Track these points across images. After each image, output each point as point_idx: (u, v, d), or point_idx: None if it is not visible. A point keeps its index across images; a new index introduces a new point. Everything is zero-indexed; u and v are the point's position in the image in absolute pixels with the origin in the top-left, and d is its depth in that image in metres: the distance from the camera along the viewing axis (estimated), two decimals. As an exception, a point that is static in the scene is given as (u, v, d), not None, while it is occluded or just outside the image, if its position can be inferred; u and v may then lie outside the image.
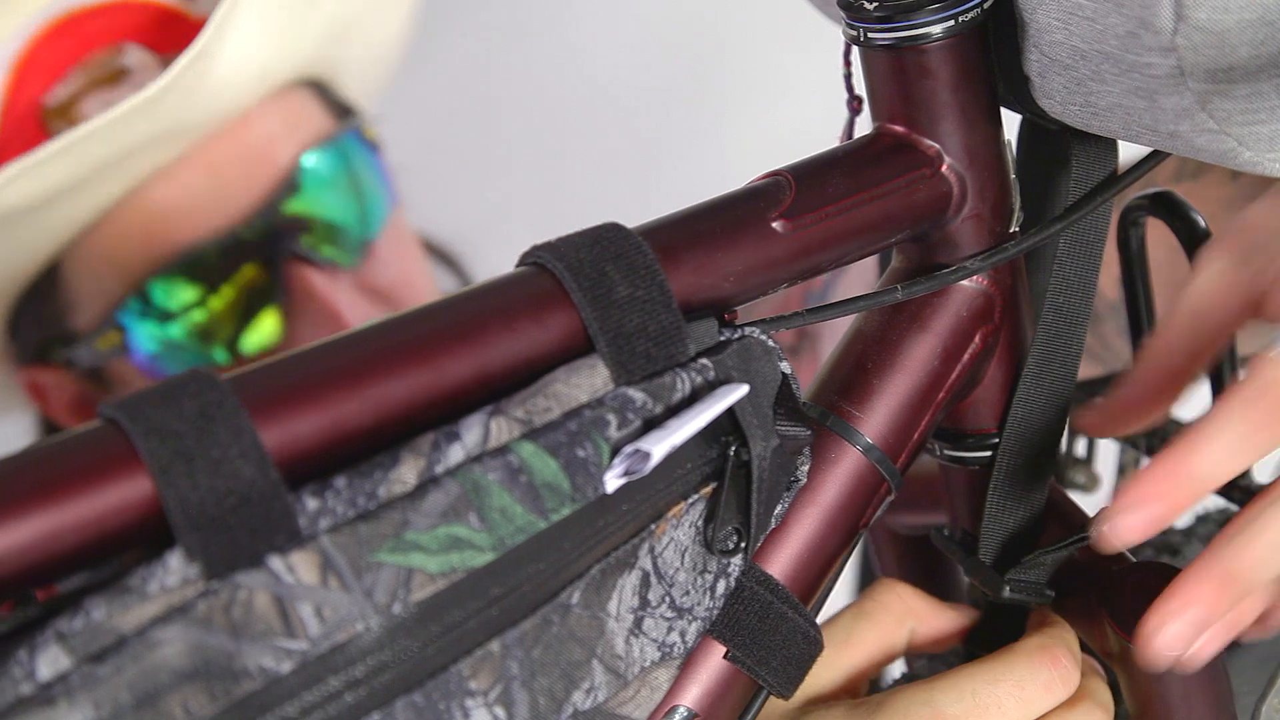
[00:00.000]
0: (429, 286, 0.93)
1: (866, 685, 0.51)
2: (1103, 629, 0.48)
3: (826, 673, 0.49)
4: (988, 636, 0.53)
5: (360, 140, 0.91)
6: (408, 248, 0.93)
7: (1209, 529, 0.62)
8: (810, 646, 0.46)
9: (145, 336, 0.85)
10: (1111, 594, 0.48)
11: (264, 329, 0.85)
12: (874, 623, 0.50)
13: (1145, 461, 0.69)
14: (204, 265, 0.83)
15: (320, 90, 0.91)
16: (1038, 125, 0.50)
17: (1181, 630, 0.43)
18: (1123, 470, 0.69)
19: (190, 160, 0.83)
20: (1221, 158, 0.42)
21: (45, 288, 0.87)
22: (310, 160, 0.86)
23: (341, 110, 0.92)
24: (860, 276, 0.87)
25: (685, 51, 1.39)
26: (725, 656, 0.44)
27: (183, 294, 0.83)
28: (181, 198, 0.83)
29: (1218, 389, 0.54)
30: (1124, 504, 0.43)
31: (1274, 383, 0.43)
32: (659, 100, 1.37)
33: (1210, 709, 0.49)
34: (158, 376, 0.86)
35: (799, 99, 1.07)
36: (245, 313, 0.84)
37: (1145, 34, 0.40)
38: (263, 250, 0.84)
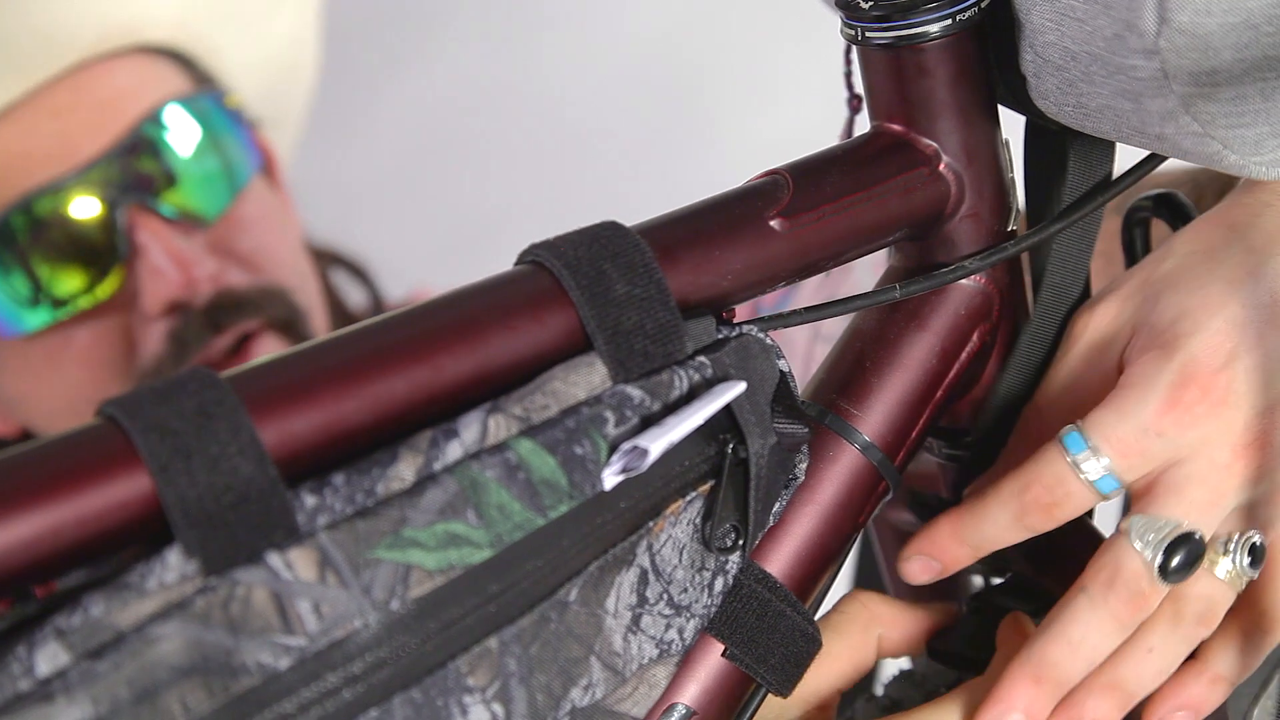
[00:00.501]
0: (296, 264, 0.93)
1: (838, 699, 0.51)
2: None
3: (797, 690, 0.48)
4: (961, 634, 0.53)
5: (220, 105, 0.91)
6: (274, 219, 0.92)
7: None
8: (809, 644, 0.46)
9: None
10: None
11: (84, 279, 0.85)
12: (841, 635, 0.50)
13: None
14: (44, 215, 0.83)
15: (183, 62, 0.91)
16: (1040, 126, 0.51)
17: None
18: None
19: (34, 104, 0.83)
20: (1207, 160, 0.43)
21: None
22: (163, 116, 0.86)
23: (204, 80, 0.92)
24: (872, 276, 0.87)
25: (683, 52, 1.39)
26: (724, 654, 0.44)
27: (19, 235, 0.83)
28: (28, 140, 0.83)
29: None
30: (908, 552, 0.50)
31: (1040, 470, 0.48)
32: (658, 101, 1.38)
33: None
34: (4, 330, 0.85)
35: (796, 99, 1.07)
36: (95, 269, 0.84)
37: (1130, 36, 0.40)
38: (108, 195, 0.84)
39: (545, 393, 0.39)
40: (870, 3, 0.46)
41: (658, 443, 0.39)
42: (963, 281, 0.49)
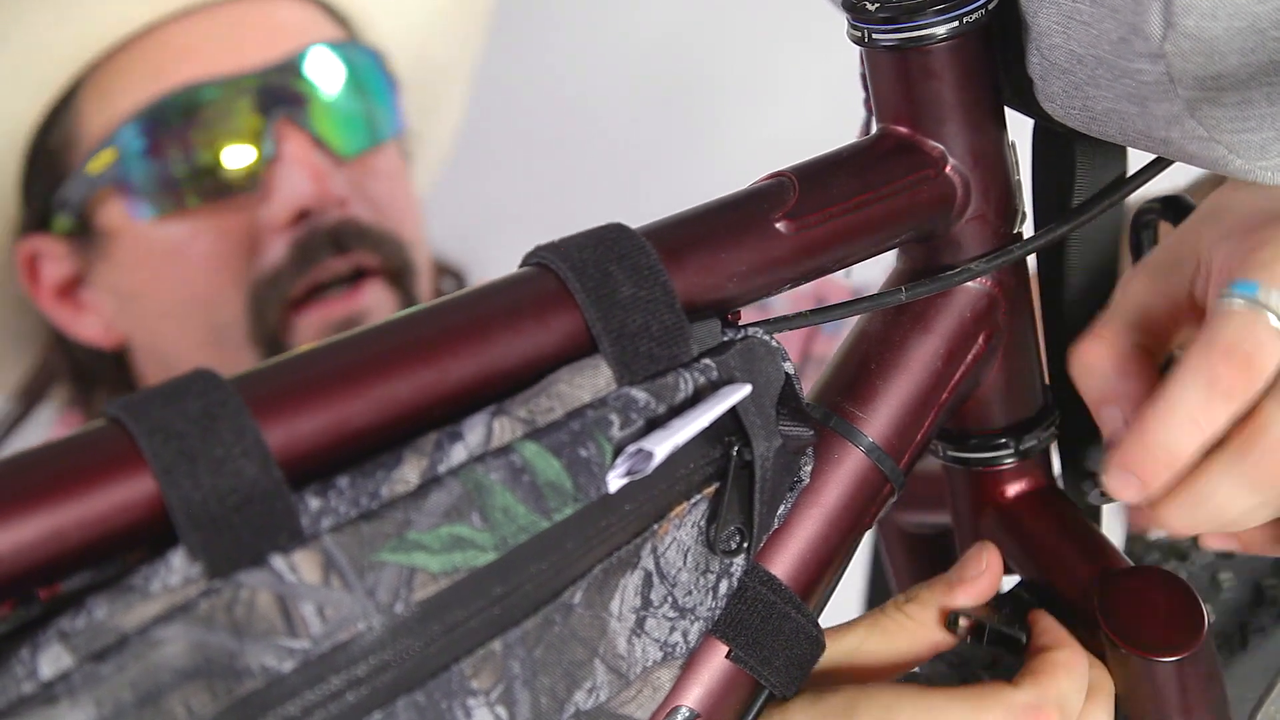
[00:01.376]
0: (416, 226, 0.97)
1: None
2: (1098, 633, 0.48)
3: (830, 682, 0.48)
4: (999, 613, 0.51)
5: (374, 60, 0.95)
6: (402, 183, 0.96)
7: None
8: (813, 647, 0.46)
9: (137, 161, 0.88)
10: (1108, 599, 0.48)
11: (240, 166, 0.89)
12: (888, 639, 0.49)
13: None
14: (204, 102, 0.88)
15: (339, 19, 0.96)
16: (1047, 129, 0.50)
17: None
18: None
19: (212, 13, 0.89)
20: (1213, 165, 0.42)
21: (55, 123, 0.90)
22: (318, 52, 0.91)
23: (350, 32, 0.97)
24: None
25: (686, 53, 1.39)
26: (728, 656, 0.44)
27: (176, 132, 0.88)
28: (198, 41, 0.89)
29: None
30: (1112, 468, 0.45)
31: (1224, 334, 0.43)
32: (663, 102, 1.37)
33: (1206, 714, 0.49)
34: (136, 211, 0.89)
35: (801, 100, 1.07)
36: (230, 160, 0.89)
37: (1136, 40, 0.40)
38: (263, 103, 0.88)
39: (550, 395, 0.39)
40: (876, 5, 0.46)
41: (662, 446, 0.39)
42: (968, 284, 0.49)
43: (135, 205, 0.89)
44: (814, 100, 1.08)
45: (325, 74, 0.91)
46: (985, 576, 0.50)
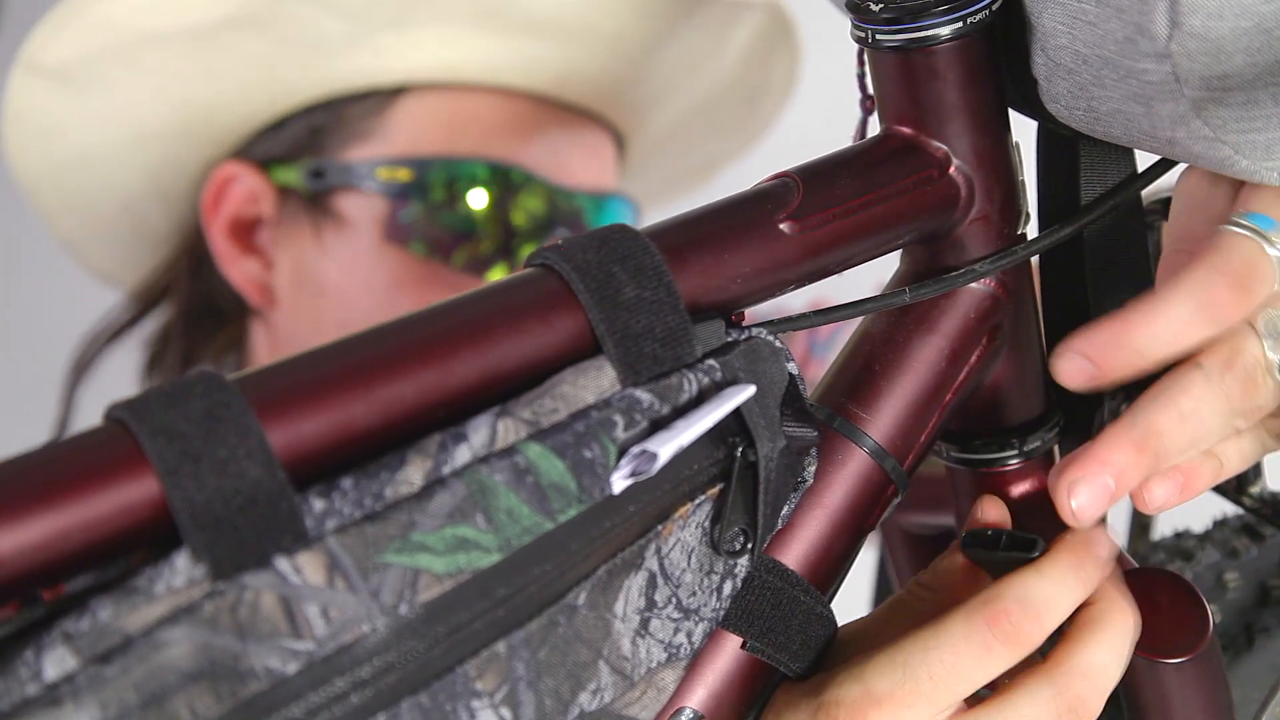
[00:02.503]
0: None
1: None
2: None
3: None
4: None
5: (632, 211, 0.97)
6: None
7: (1225, 534, 0.62)
8: (825, 626, 0.46)
9: (425, 197, 0.89)
10: None
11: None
12: (912, 615, 0.47)
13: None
14: (519, 191, 0.89)
15: (619, 144, 0.98)
16: (1052, 130, 0.50)
17: (1095, 494, 0.43)
18: None
19: (559, 115, 0.91)
20: (1219, 165, 0.42)
21: (355, 103, 0.90)
22: (619, 204, 0.95)
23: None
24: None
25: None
26: (743, 647, 0.44)
27: (478, 195, 0.89)
28: (533, 130, 0.91)
29: None
30: (1062, 349, 0.44)
31: (1229, 254, 0.43)
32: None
33: (1208, 711, 0.49)
34: (392, 233, 0.89)
35: (802, 101, 1.07)
36: (502, 244, 0.90)
37: (1142, 40, 0.40)
38: (552, 219, 0.90)
39: (554, 396, 0.39)
40: (880, 5, 0.45)
41: (666, 447, 0.39)
42: (972, 285, 0.49)
43: (396, 227, 0.89)
44: (816, 101, 1.08)
45: (602, 221, 0.93)
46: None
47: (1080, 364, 0.44)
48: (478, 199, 0.89)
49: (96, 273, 1.04)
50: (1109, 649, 0.45)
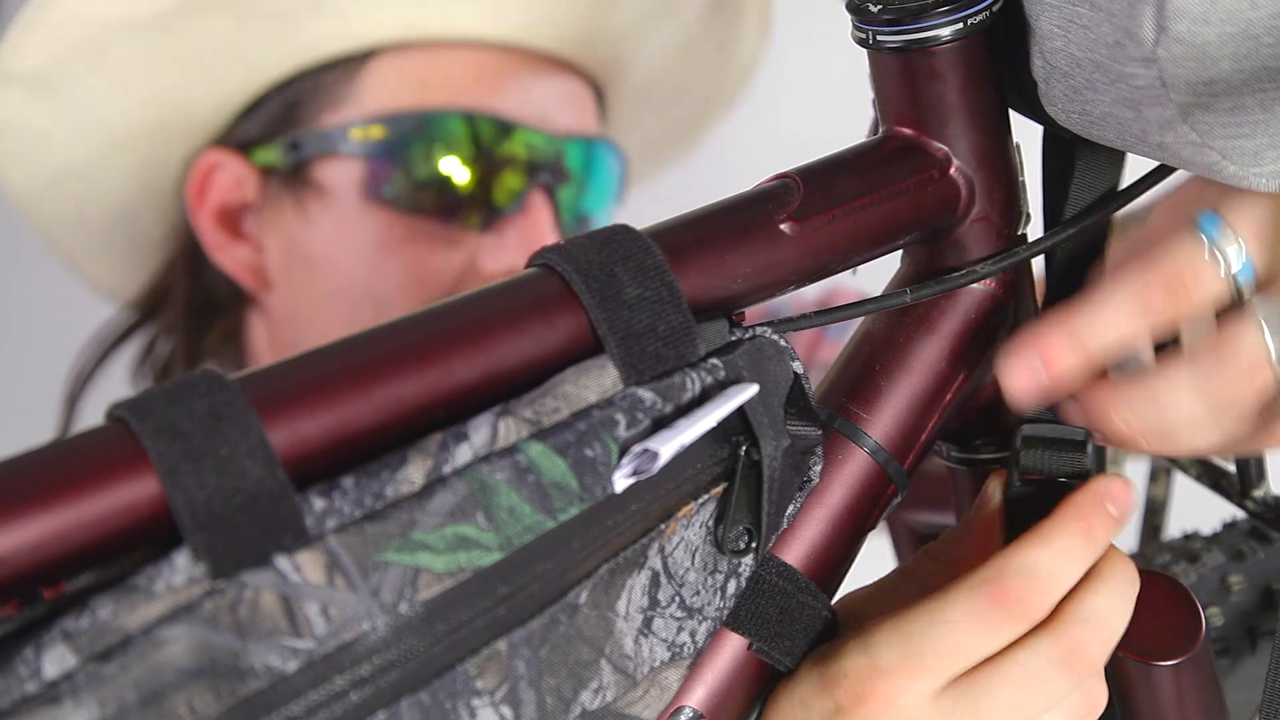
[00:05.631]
0: None
1: None
2: None
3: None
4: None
5: (621, 167, 0.98)
6: None
7: (1233, 537, 0.62)
8: (828, 629, 0.46)
9: (404, 148, 0.89)
10: None
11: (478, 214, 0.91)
12: (919, 583, 0.49)
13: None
14: (494, 135, 0.90)
15: (600, 104, 0.98)
16: (1054, 134, 0.50)
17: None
18: (1154, 477, 0.69)
19: (531, 62, 0.91)
20: (1207, 170, 0.42)
21: (325, 73, 0.90)
22: (601, 148, 0.95)
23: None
24: None
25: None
26: (750, 649, 0.44)
27: (454, 146, 0.89)
28: (508, 78, 0.91)
29: None
30: (1008, 353, 0.46)
31: (1167, 253, 0.44)
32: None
33: (1200, 714, 0.48)
34: (372, 189, 0.89)
35: (804, 101, 1.07)
36: (483, 194, 0.90)
37: (1130, 44, 0.40)
38: (534, 163, 0.90)
39: (556, 395, 0.39)
40: (880, 6, 0.46)
41: (668, 445, 0.39)
42: (973, 286, 0.49)
43: (375, 185, 0.89)
44: (819, 101, 1.08)
45: (586, 166, 0.94)
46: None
47: (1029, 368, 0.45)
48: (454, 149, 0.89)
49: (100, 289, 1.04)
50: (1109, 595, 0.45)
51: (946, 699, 0.43)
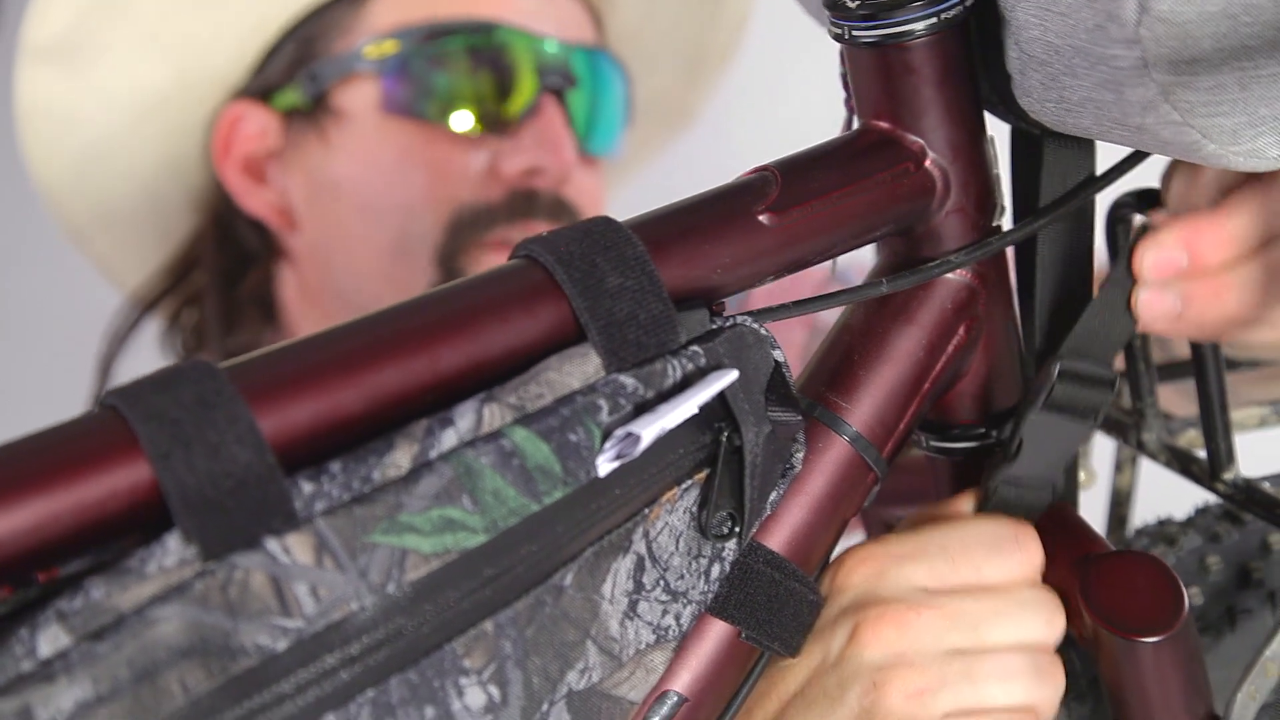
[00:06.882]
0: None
1: None
2: (1079, 612, 0.49)
3: None
4: None
5: (624, 82, 1.01)
6: (600, 200, 1.01)
7: (1207, 520, 0.63)
8: (814, 612, 0.47)
9: (417, 60, 0.93)
10: (1090, 583, 0.49)
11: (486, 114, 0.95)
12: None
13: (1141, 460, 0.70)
14: (502, 43, 0.94)
15: (598, 23, 1.03)
16: (1023, 131, 0.51)
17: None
18: (1119, 467, 0.70)
19: None
20: (1186, 151, 0.43)
21: (330, 9, 0.95)
22: (602, 56, 1.00)
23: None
24: None
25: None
26: (741, 637, 0.45)
27: (465, 54, 0.93)
28: None
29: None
30: (1158, 240, 0.48)
31: None
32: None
33: (1184, 690, 0.49)
34: (391, 102, 0.93)
35: (802, 101, 1.08)
36: (497, 98, 0.94)
37: (1112, 26, 0.41)
38: (545, 69, 0.94)
39: (540, 382, 0.40)
40: (856, 2, 0.46)
41: (650, 429, 0.39)
42: (948, 276, 0.50)
43: (392, 97, 0.93)
44: (820, 100, 1.09)
45: (593, 74, 0.98)
46: None
47: (1181, 253, 0.48)
48: (466, 57, 0.93)
49: (103, 266, 1.07)
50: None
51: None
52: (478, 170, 0.93)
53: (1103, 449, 0.70)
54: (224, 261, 1.01)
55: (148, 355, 1.02)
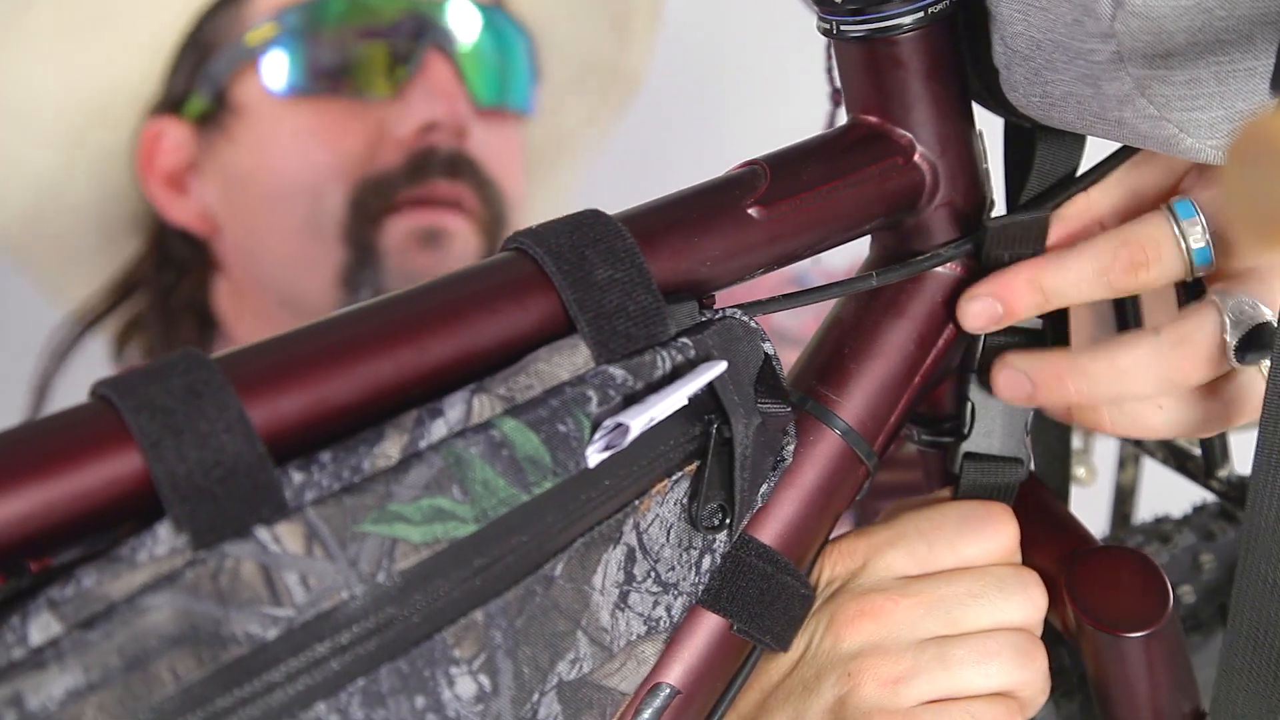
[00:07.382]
0: (519, 198, 1.02)
1: None
2: (1064, 606, 0.49)
3: None
4: None
5: (519, 36, 1.02)
6: (517, 154, 1.03)
7: (1203, 518, 0.63)
8: (805, 606, 0.47)
9: (294, 38, 0.94)
10: (1076, 578, 0.49)
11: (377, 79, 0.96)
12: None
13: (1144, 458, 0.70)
14: (371, 7, 0.95)
15: None
16: (1015, 124, 0.52)
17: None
18: (1122, 464, 0.70)
19: None
20: (1164, 144, 0.44)
21: (222, 11, 0.96)
22: (464, 5, 0.99)
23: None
24: None
25: (686, 53, 1.40)
26: (733, 630, 0.45)
27: (343, 19, 0.94)
28: None
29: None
30: (975, 292, 0.49)
31: (1137, 230, 0.48)
32: (660, 100, 1.39)
33: (1170, 684, 0.49)
34: (278, 82, 0.94)
35: (798, 99, 1.08)
36: (381, 63, 0.95)
37: (1088, 20, 0.41)
38: (419, 26, 0.95)
39: (529, 373, 0.40)
40: None
41: (639, 419, 0.40)
42: (938, 269, 0.50)
43: (277, 80, 0.94)
44: (815, 100, 1.09)
45: (466, 24, 0.98)
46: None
47: (988, 305, 0.49)
48: (339, 24, 0.94)
49: (44, 287, 1.09)
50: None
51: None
52: (372, 137, 0.94)
53: (1105, 447, 0.71)
54: (166, 279, 1.03)
55: (86, 374, 1.03)
